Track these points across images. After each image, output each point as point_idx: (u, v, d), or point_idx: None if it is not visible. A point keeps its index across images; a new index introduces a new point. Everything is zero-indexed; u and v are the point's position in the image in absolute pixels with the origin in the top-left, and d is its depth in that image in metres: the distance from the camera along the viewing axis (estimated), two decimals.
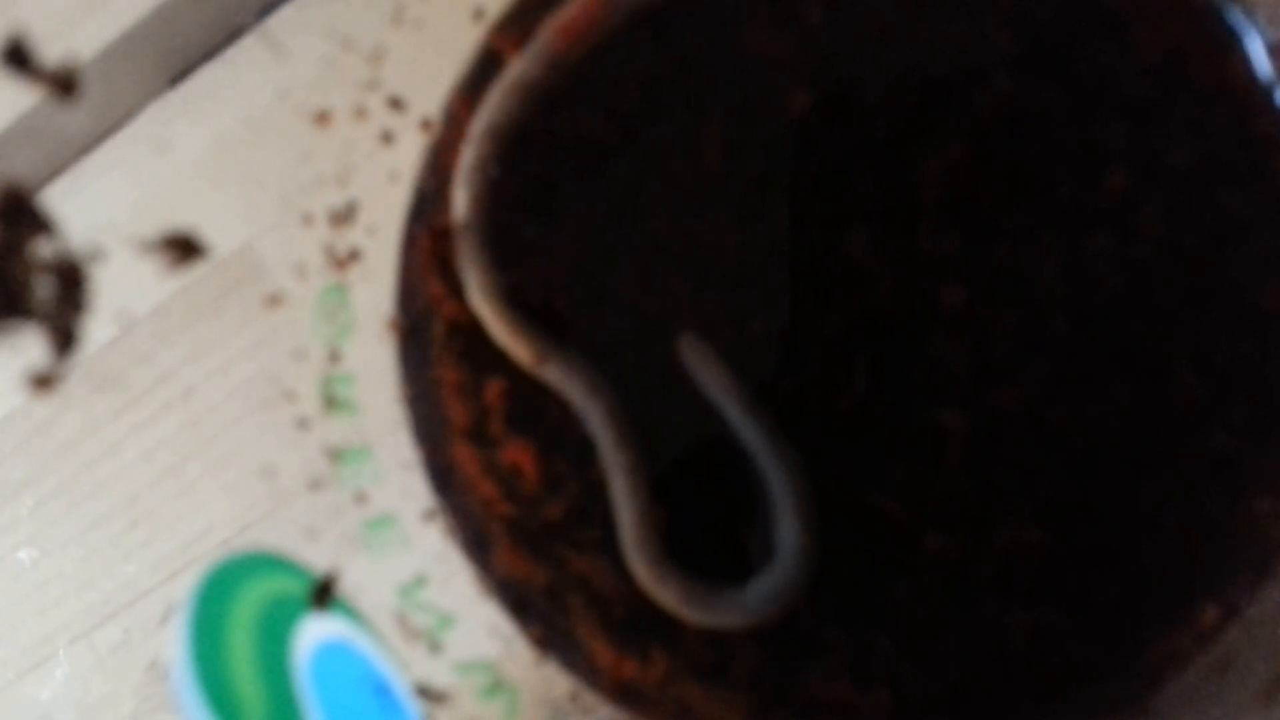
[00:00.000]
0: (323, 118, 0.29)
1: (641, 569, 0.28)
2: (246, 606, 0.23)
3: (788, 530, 0.28)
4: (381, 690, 0.26)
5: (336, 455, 0.28)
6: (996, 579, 0.28)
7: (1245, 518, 0.28)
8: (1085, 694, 0.28)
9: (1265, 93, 0.28)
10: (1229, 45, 0.28)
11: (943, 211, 0.29)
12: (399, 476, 0.30)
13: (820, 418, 0.29)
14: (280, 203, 0.28)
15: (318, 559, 0.26)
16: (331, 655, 0.25)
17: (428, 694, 0.27)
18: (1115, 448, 0.28)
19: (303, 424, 0.28)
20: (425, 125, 0.30)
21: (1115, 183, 0.28)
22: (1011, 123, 0.29)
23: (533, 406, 0.30)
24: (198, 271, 0.27)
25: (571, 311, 0.30)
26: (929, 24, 0.29)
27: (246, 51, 0.28)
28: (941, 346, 0.29)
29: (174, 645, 0.20)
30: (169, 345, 0.29)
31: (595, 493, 0.29)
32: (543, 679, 0.29)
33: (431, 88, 0.29)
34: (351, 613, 0.26)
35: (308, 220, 0.29)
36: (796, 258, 0.29)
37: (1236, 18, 0.28)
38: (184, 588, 0.23)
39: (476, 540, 0.30)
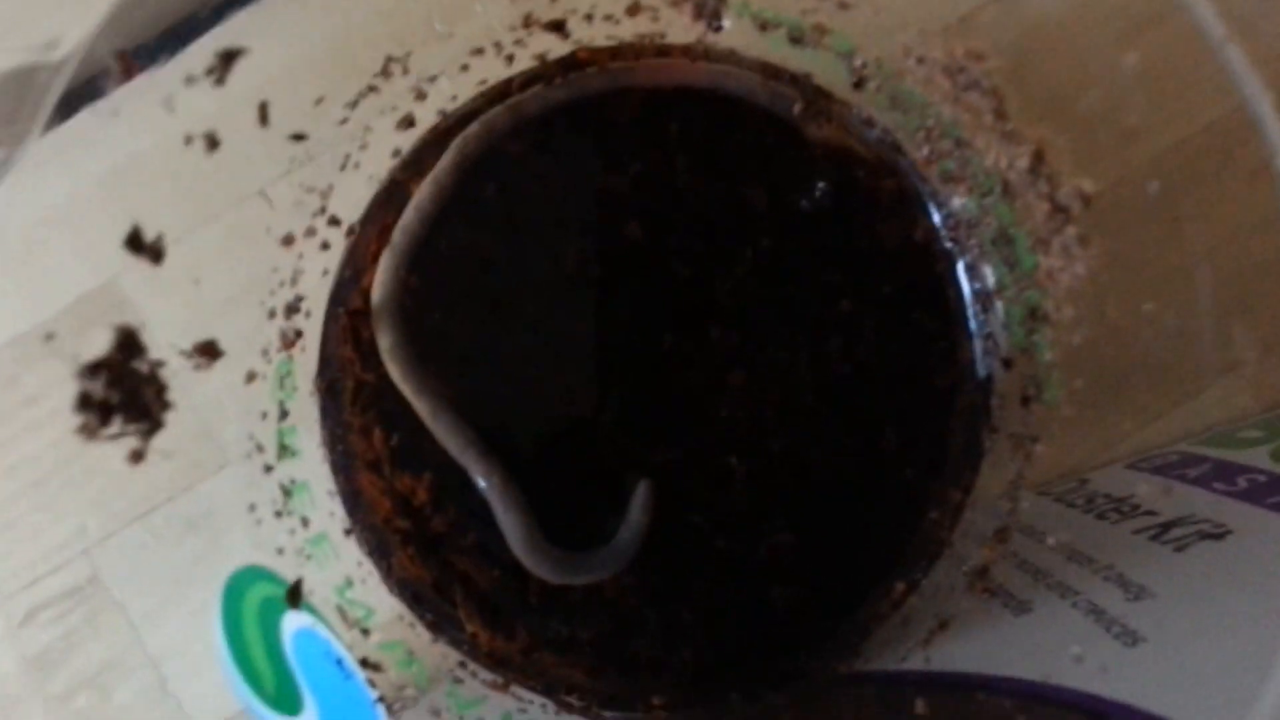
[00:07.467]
0: (287, 240, 0.34)
1: (528, 560, 0.34)
2: (250, 605, 0.29)
3: (629, 519, 0.35)
4: (339, 662, 0.32)
5: (288, 490, 0.34)
6: (762, 568, 0.35)
7: (923, 525, 0.36)
8: (819, 642, 0.35)
9: (941, 252, 0.37)
10: (916, 212, 0.36)
11: (730, 316, 0.36)
12: (326, 503, 0.35)
13: (654, 463, 0.35)
14: (258, 305, 0.33)
15: (287, 570, 0.31)
16: (304, 639, 0.31)
17: (367, 664, 0.33)
18: (843, 481, 0.35)
19: (269, 469, 0.34)
20: (350, 232, 0.35)
21: (845, 306, 0.36)
22: (776, 259, 0.36)
23: (419, 448, 0.35)
24: None
25: (461, 377, 0.35)
26: (720, 185, 0.36)
27: (249, 209, 0.32)
28: (730, 410, 0.36)
29: (215, 634, 0.27)
30: None
31: (471, 510, 0.35)
32: (440, 653, 0.35)
33: (359, 207, 0.35)
34: (312, 608, 0.32)
35: (271, 314, 0.34)
36: (629, 345, 0.36)
37: (927, 193, 0.36)
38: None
39: (380, 549, 0.36)
